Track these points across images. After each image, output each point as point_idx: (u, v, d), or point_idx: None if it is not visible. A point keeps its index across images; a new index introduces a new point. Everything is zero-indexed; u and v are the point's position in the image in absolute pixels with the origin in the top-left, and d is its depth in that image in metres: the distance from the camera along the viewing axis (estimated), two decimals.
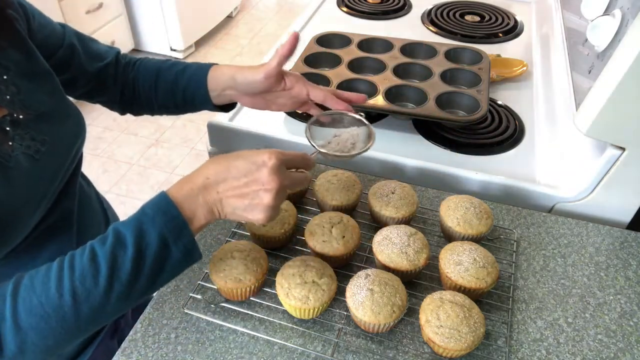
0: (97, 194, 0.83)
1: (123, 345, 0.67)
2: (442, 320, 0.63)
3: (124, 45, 3.05)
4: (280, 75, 0.74)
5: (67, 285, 0.50)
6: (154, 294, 0.74)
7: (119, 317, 0.82)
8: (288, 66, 1.18)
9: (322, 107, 0.78)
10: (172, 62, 0.80)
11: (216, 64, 0.78)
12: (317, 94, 0.75)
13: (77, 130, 0.68)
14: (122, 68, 0.80)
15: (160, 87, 0.79)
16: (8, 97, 0.60)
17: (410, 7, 1.54)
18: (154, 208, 0.53)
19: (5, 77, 0.60)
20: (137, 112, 0.84)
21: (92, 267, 0.50)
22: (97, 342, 0.77)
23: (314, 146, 0.71)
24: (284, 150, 0.57)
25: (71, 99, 0.72)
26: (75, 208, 0.71)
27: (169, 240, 0.53)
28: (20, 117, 0.60)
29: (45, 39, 0.70)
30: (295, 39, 0.69)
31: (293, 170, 0.59)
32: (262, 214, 0.55)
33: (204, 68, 0.77)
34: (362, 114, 0.76)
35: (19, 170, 0.58)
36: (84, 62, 0.75)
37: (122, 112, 0.85)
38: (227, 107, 0.82)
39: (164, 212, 0.53)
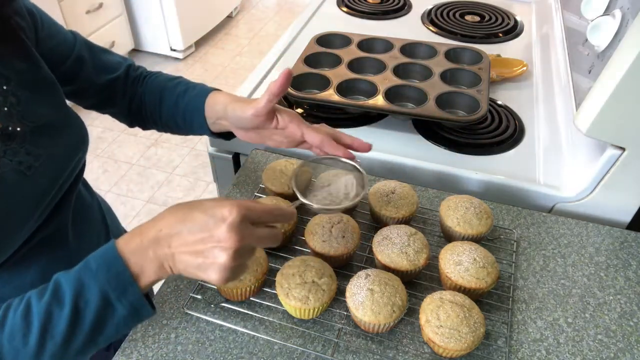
0: (99, 204, 0.80)
1: (123, 345, 0.67)
2: (442, 320, 0.63)
3: (124, 45, 3.05)
4: (271, 113, 0.68)
5: None
6: (154, 294, 0.74)
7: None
8: (289, 66, 1.18)
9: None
10: (176, 82, 0.77)
11: (217, 89, 0.75)
12: (313, 137, 0.67)
13: (77, 143, 0.66)
14: (130, 82, 0.78)
15: (164, 108, 0.77)
16: (6, 109, 0.57)
17: (410, 7, 1.54)
18: (99, 261, 0.50)
19: (5, 87, 0.58)
20: (145, 127, 0.82)
21: (24, 325, 0.48)
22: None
23: (298, 197, 0.64)
24: (252, 202, 0.51)
25: (71, 105, 0.70)
26: (70, 221, 0.69)
27: (111, 298, 0.49)
28: (18, 129, 0.58)
29: (53, 49, 0.68)
30: (288, 76, 0.63)
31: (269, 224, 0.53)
32: (216, 274, 0.48)
33: (203, 94, 0.73)
34: (358, 160, 0.69)
35: (4, 186, 0.56)
36: (91, 74, 0.73)
37: (131, 125, 0.83)
38: (228, 135, 0.77)
39: (109, 266, 0.49)
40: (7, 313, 0.49)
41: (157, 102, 0.77)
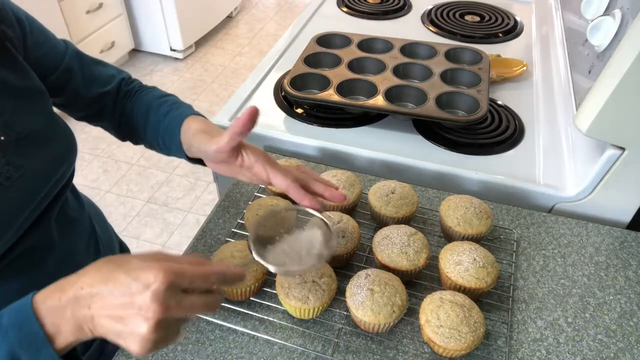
0: (89, 215, 0.77)
1: None
2: (442, 320, 0.63)
3: (124, 45, 3.05)
4: (236, 151, 0.63)
5: None
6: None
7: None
8: (289, 66, 1.18)
9: None
10: (163, 101, 0.74)
11: (196, 113, 0.72)
12: (279, 182, 0.62)
13: (63, 154, 0.64)
14: (121, 97, 0.76)
15: (148, 126, 0.75)
16: None
17: (410, 7, 1.54)
18: (12, 318, 0.45)
19: None
20: (136, 142, 0.80)
21: None
22: None
23: (252, 254, 0.57)
24: (186, 265, 0.46)
25: (61, 114, 0.68)
26: (55, 233, 0.65)
27: (22, 359, 0.45)
28: (1, 138, 0.55)
29: (42, 57, 0.66)
30: (252, 115, 0.57)
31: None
32: (136, 345, 0.44)
33: (180, 118, 0.70)
34: (327, 214, 0.61)
35: None
36: (80, 86, 0.71)
37: (123, 140, 0.81)
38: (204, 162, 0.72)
39: (21, 325, 0.45)
40: None
41: (143, 120, 0.75)
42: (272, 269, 0.56)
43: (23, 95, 0.60)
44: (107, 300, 0.44)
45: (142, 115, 0.75)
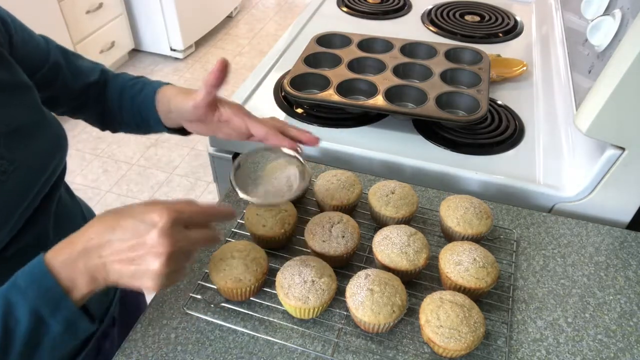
0: (82, 211, 0.77)
1: (123, 345, 0.67)
2: (442, 320, 0.63)
3: (124, 45, 3.05)
4: (212, 106, 0.67)
5: None
6: (154, 294, 0.74)
7: (104, 337, 0.77)
8: (289, 66, 1.19)
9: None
10: (135, 81, 0.77)
11: (168, 83, 0.75)
12: (258, 130, 0.67)
13: (54, 148, 0.64)
14: (102, 86, 0.77)
15: (124, 108, 0.76)
16: None
17: (410, 7, 1.54)
18: (27, 278, 0.47)
19: None
20: (114, 129, 0.81)
21: None
22: None
23: (237, 192, 0.63)
24: (184, 204, 0.50)
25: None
26: (51, 229, 0.66)
27: (44, 315, 0.47)
28: None
29: (27, 55, 0.66)
30: (222, 66, 0.62)
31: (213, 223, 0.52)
32: (151, 281, 0.47)
33: (153, 90, 0.73)
34: (298, 149, 0.68)
35: None
36: (68, 80, 0.72)
37: (103, 129, 0.82)
38: (184, 130, 0.76)
39: (38, 283, 0.47)
40: None
41: (118, 102, 0.76)
42: (255, 200, 0.63)
43: (10, 89, 0.60)
44: (116, 246, 0.47)
45: (117, 98, 0.76)
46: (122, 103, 0.76)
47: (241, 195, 0.63)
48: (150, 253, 0.46)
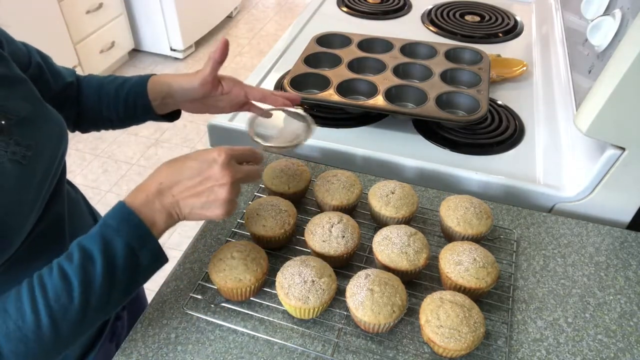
0: (84, 198, 0.82)
1: (123, 345, 0.67)
2: (442, 320, 0.63)
3: (124, 45, 3.05)
4: (216, 81, 0.76)
5: (42, 305, 0.50)
6: (154, 294, 0.74)
7: (117, 319, 0.82)
8: (289, 66, 1.19)
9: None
10: (113, 77, 0.81)
11: (155, 74, 0.79)
12: (256, 93, 0.78)
13: (59, 134, 0.67)
14: (77, 86, 0.79)
15: (103, 102, 0.79)
16: None
17: (410, 7, 1.54)
18: (116, 218, 0.54)
19: None
20: (85, 129, 0.84)
21: (65, 284, 0.51)
22: (98, 347, 0.76)
23: (256, 142, 0.74)
24: (232, 146, 0.59)
25: None
26: (65, 213, 0.70)
27: (135, 248, 0.54)
28: (2, 122, 0.59)
29: (15, 54, 0.68)
30: (225, 45, 0.71)
31: (244, 163, 0.61)
32: (220, 209, 0.57)
33: (144, 79, 0.78)
34: (298, 107, 0.82)
35: (7, 176, 0.57)
36: (50, 80, 0.75)
37: (73, 130, 0.83)
38: (170, 117, 0.82)
39: (127, 221, 0.54)
40: (43, 280, 0.52)
41: (96, 99, 0.79)
42: (275, 144, 0.74)
43: (10, 82, 0.63)
44: (186, 184, 0.56)
45: (94, 94, 0.79)
46: (102, 98, 0.79)
47: (262, 143, 0.74)
48: (217, 185, 0.56)
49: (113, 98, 0.78)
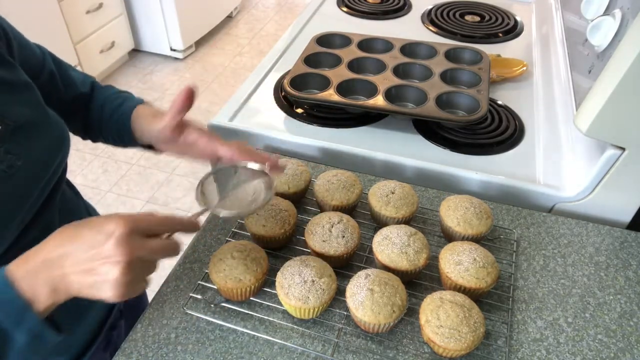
0: (86, 205, 0.80)
1: (123, 345, 0.67)
2: (442, 320, 0.63)
3: (124, 45, 3.05)
4: (179, 128, 0.69)
5: None
6: (154, 294, 0.74)
7: (112, 329, 0.80)
8: (289, 66, 1.19)
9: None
10: (117, 96, 0.78)
11: (145, 102, 0.76)
12: (225, 151, 0.68)
13: (58, 144, 0.66)
14: (89, 98, 0.78)
15: (103, 120, 0.78)
16: None
17: (410, 7, 1.54)
18: None
19: None
20: (94, 139, 0.83)
21: None
22: (89, 355, 0.75)
23: (199, 205, 0.63)
24: (143, 215, 0.50)
25: None
26: (57, 222, 0.67)
27: (7, 327, 0.47)
28: None
29: (26, 60, 0.68)
30: (189, 92, 0.65)
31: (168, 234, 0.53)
32: (111, 291, 0.47)
33: (130, 108, 0.75)
34: (265, 165, 0.69)
35: None
36: (61, 90, 0.74)
37: (84, 138, 0.83)
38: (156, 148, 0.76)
39: (1, 294, 0.47)
40: None
41: (98, 115, 0.78)
42: (221, 213, 0.62)
43: (12, 88, 0.61)
44: (76, 256, 0.47)
45: (98, 110, 0.78)
46: (102, 116, 0.77)
47: (201, 208, 0.62)
48: (108, 262, 0.46)
49: (107, 121, 0.76)
